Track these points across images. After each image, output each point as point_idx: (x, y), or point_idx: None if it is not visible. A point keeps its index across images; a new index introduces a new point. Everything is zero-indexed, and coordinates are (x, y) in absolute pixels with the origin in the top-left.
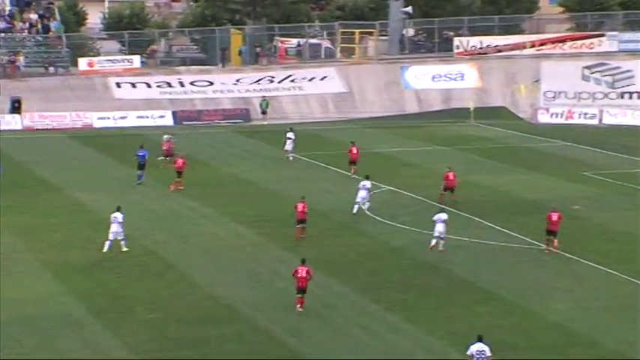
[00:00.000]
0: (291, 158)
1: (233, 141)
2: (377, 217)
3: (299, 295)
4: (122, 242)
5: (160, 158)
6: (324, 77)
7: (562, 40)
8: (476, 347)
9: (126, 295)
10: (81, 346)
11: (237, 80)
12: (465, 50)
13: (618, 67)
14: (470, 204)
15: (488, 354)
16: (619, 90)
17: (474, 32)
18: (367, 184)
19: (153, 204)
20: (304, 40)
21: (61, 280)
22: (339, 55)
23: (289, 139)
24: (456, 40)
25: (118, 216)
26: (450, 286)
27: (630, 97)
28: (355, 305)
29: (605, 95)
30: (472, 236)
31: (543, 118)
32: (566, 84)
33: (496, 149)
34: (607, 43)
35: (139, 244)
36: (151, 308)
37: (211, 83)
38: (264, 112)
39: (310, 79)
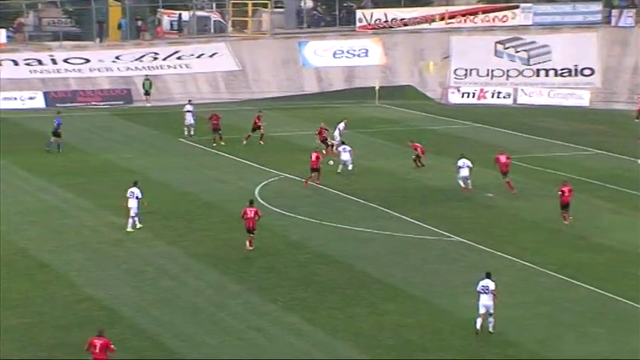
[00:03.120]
0: (192, 133)
1: (113, 125)
2: (273, 208)
3: (250, 235)
4: (136, 219)
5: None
6: (214, 54)
7: (473, 13)
8: (482, 283)
9: None
10: None
11: (117, 57)
12: (369, 24)
13: (533, 42)
14: (376, 192)
15: (492, 288)
16: (534, 67)
17: (377, 4)
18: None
19: (24, 196)
20: (191, 12)
21: None
22: (230, 29)
23: (189, 111)
24: (359, 13)
25: (135, 191)
26: (355, 282)
27: (547, 75)
28: (250, 305)
29: (520, 73)
30: (378, 228)
31: (454, 97)
32: (477, 61)
33: (403, 132)
34: (521, 15)
35: (7, 241)
36: (21, 312)
37: (87, 60)
38: (147, 93)
39: (198, 56)
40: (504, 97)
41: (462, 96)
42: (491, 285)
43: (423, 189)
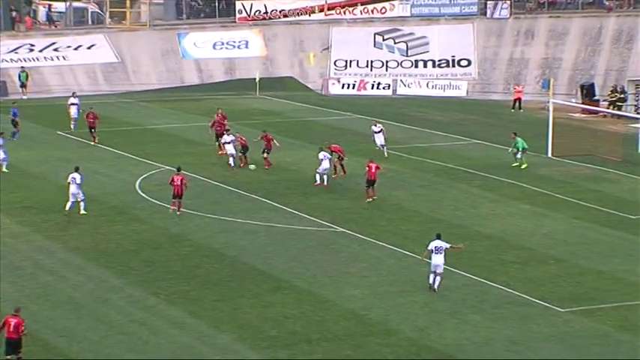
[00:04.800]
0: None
1: None
2: (154, 201)
3: (174, 200)
4: (81, 204)
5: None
6: (92, 45)
7: (352, 5)
8: (434, 244)
9: None
10: None
11: None
12: (249, 15)
13: (412, 34)
14: (258, 184)
15: (447, 247)
16: (413, 58)
17: None
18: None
19: None
20: (67, 3)
21: None
22: (108, 20)
23: (73, 104)
24: (238, 4)
25: (76, 177)
26: (238, 274)
27: (425, 66)
28: (133, 299)
29: (399, 64)
30: (261, 219)
31: (334, 88)
32: (357, 52)
33: (284, 123)
34: (399, 7)
35: None
36: None
37: None
38: (23, 85)
39: (76, 48)
40: (384, 88)
41: (343, 87)
42: (445, 244)
43: (304, 180)
